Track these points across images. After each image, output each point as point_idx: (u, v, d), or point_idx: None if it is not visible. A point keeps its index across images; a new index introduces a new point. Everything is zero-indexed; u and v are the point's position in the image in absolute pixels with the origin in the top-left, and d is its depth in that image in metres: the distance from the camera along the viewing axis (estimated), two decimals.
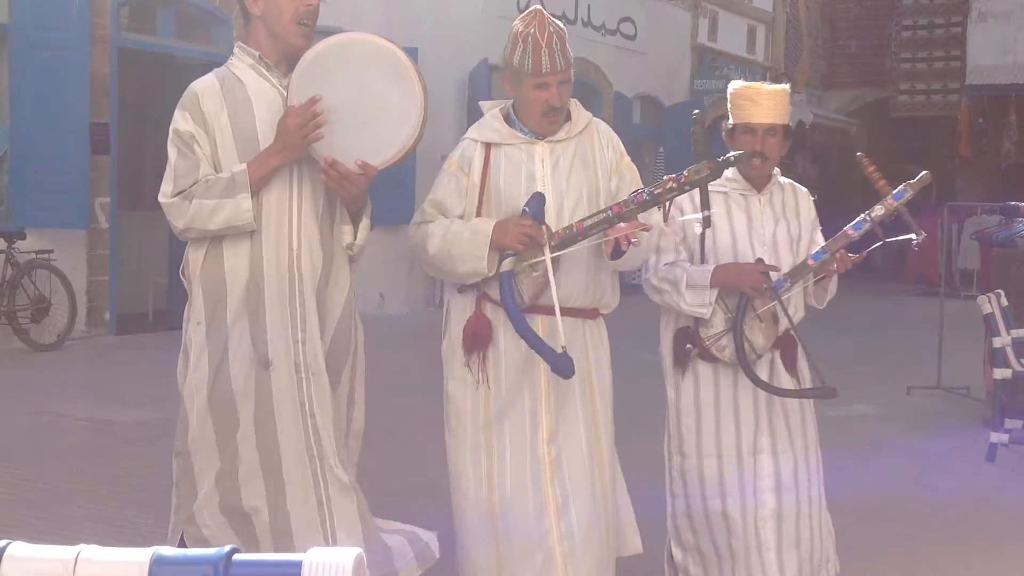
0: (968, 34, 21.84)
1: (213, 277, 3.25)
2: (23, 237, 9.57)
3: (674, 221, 3.74)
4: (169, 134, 3.26)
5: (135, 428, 6.84)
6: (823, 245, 3.76)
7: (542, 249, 3.25)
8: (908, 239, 3.70)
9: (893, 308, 15.66)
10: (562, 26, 3.41)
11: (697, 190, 3.39)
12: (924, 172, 3.74)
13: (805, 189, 3.99)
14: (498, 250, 3.29)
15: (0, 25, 9.82)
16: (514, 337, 3.36)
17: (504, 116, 3.49)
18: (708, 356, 3.73)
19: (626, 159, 3.57)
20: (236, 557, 1.28)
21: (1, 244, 9.53)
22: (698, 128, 3.33)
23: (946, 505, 5.73)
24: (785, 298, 3.67)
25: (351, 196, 3.25)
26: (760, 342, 3.68)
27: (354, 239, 3.32)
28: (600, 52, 16.81)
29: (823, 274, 3.75)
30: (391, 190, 10.67)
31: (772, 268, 3.68)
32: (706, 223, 3.35)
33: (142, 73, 11.52)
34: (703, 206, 3.34)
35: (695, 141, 3.32)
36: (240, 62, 3.31)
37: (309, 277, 3.25)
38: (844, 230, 3.69)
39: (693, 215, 3.58)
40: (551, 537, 3.36)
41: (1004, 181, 20.10)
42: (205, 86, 3.27)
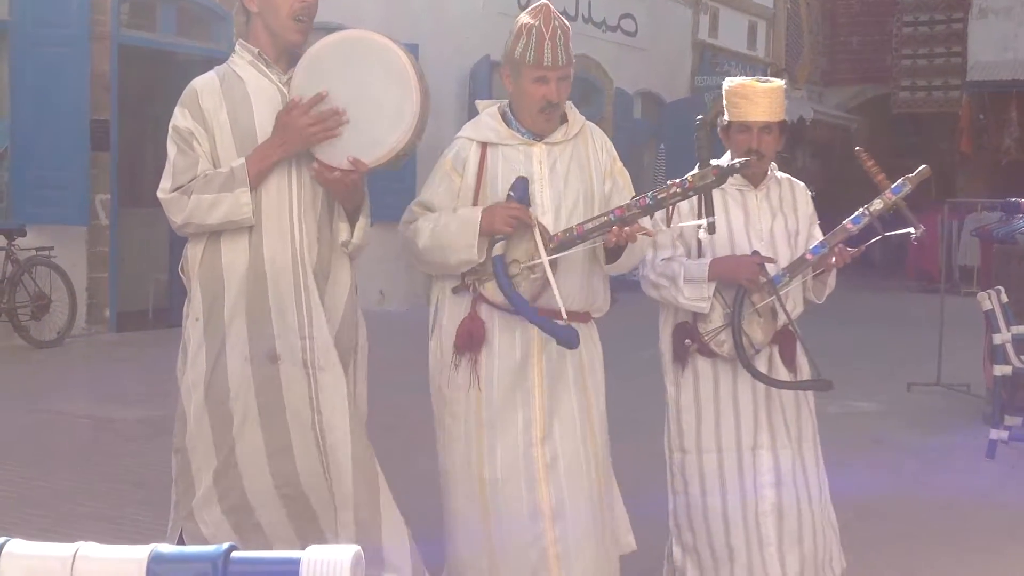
0: (969, 30, 21.83)
1: (211, 273, 3.26)
2: (23, 234, 9.55)
3: (673, 223, 3.73)
4: (169, 131, 3.26)
5: (135, 425, 6.84)
6: (821, 239, 3.76)
7: (540, 251, 3.25)
8: (907, 233, 3.70)
9: (893, 304, 15.65)
10: (567, 23, 3.40)
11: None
12: (923, 166, 3.74)
13: (802, 184, 3.99)
14: (488, 236, 3.29)
15: (0, 21, 9.81)
16: (509, 339, 3.36)
17: (501, 115, 3.47)
18: (707, 351, 3.73)
19: (618, 164, 3.56)
20: (234, 555, 1.28)
21: (1, 241, 9.51)
22: (702, 133, 3.31)
23: (946, 502, 5.73)
24: (783, 293, 3.67)
25: (340, 192, 3.24)
26: (758, 337, 3.68)
27: (350, 237, 3.31)
28: (601, 48, 16.80)
29: (822, 269, 3.75)
30: (391, 187, 10.65)
31: (768, 260, 3.68)
32: (710, 229, 3.33)
33: (142, 70, 11.50)
34: (707, 212, 3.32)
35: (699, 147, 3.30)
36: (241, 59, 3.32)
37: (312, 271, 3.25)
38: (843, 224, 3.69)
39: (692, 221, 3.53)
40: (545, 539, 3.34)
41: (1005, 177, 20.06)
42: (205, 83, 3.28)
